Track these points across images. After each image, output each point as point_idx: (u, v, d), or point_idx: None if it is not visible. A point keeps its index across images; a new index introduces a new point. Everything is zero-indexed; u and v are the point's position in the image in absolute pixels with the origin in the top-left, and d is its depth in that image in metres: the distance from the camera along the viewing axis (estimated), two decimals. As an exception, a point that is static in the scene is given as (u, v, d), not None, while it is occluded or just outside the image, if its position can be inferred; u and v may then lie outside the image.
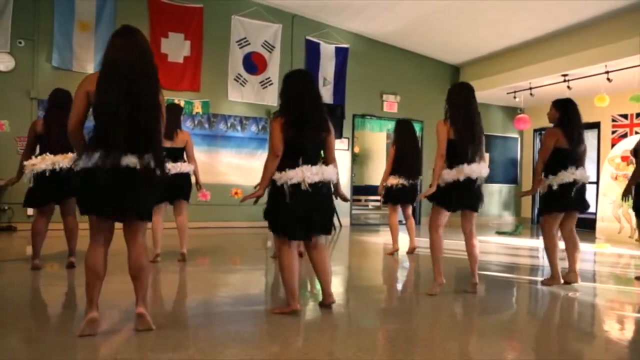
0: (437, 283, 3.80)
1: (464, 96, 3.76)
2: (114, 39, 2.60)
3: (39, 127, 4.30)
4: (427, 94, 10.17)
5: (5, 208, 7.04)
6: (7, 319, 2.99)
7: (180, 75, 8.17)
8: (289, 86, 3.15)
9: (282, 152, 3.04)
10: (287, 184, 3.00)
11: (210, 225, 8.05)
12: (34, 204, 4.35)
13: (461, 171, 3.66)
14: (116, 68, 2.52)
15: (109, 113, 2.49)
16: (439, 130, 3.72)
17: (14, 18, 7.19)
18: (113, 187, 2.49)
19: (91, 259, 2.60)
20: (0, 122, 7.15)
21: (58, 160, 4.17)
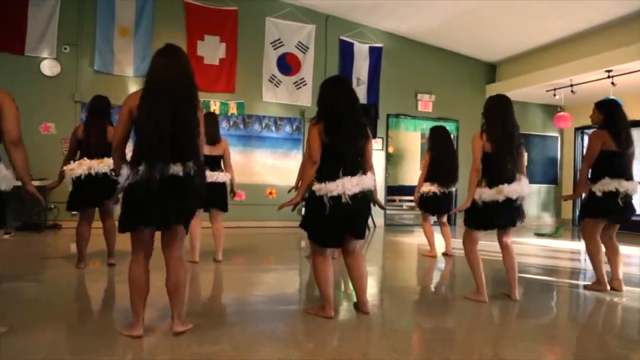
0: (479, 294, 3.70)
1: (502, 109, 3.62)
2: (158, 57, 2.66)
3: (79, 133, 4.47)
4: (463, 93, 10.00)
5: (51, 207, 7.33)
6: (52, 313, 3.12)
7: (216, 77, 8.31)
8: (326, 93, 3.14)
9: (320, 159, 3.04)
10: (327, 196, 2.98)
11: (245, 225, 8.15)
12: (75, 207, 4.53)
13: (501, 191, 3.52)
14: (159, 87, 2.58)
15: (151, 130, 2.54)
16: (474, 144, 3.61)
17: (60, 26, 7.49)
18: (158, 198, 2.55)
19: (134, 274, 2.65)
20: (47, 124, 7.45)
21: (94, 165, 4.31)
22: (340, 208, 2.99)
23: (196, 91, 2.71)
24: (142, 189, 2.51)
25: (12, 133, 2.58)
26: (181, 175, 2.57)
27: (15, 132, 2.59)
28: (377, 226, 9.02)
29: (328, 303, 3.11)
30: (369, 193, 3.14)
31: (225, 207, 5.09)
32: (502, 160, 3.54)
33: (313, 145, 3.04)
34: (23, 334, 2.66)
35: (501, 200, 3.54)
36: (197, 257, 4.88)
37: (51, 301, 3.45)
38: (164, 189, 2.54)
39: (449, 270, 5.23)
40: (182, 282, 2.71)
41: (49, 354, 2.41)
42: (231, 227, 7.61)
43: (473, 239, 3.72)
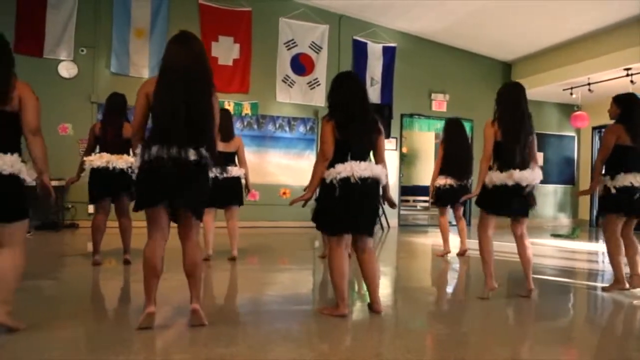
0: (488, 287, 3.70)
1: (514, 96, 3.63)
2: (171, 44, 2.72)
3: (97, 130, 4.55)
4: (477, 92, 9.92)
5: (69, 206, 7.44)
6: (70, 311, 3.17)
7: (230, 78, 8.36)
8: (337, 88, 3.15)
9: (332, 154, 3.05)
10: (337, 178, 3.00)
11: (259, 225, 8.19)
12: (92, 198, 4.60)
13: (511, 176, 3.53)
14: (173, 71, 2.63)
15: (166, 113, 2.60)
16: (486, 131, 3.64)
17: (77, 28, 7.61)
18: (171, 177, 2.59)
19: (148, 254, 2.70)
20: (65, 125, 7.57)
21: (113, 160, 4.42)
22: (350, 189, 2.99)
23: (211, 76, 2.75)
24: (153, 168, 2.57)
25: (31, 123, 2.61)
26: (193, 159, 2.61)
27: (34, 122, 2.62)
28: (391, 226, 8.98)
29: (342, 300, 3.11)
30: (379, 184, 3.15)
31: (241, 201, 5.11)
32: (511, 147, 3.55)
33: (326, 141, 3.05)
34: (41, 330, 2.70)
35: (511, 185, 3.54)
36: (210, 250, 4.92)
37: (69, 299, 3.50)
38: (175, 171, 2.58)
39: (464, 271, 5.19)
40: (198, 263, 2.78)
41: (66, 351, 2.45)
42: (245, 227, 7.64)
43: (486, 224, 3.71)
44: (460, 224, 5.90)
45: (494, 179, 3.59)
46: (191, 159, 2.61)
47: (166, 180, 2.60)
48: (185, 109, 2.60)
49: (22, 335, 2.60)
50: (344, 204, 3.02)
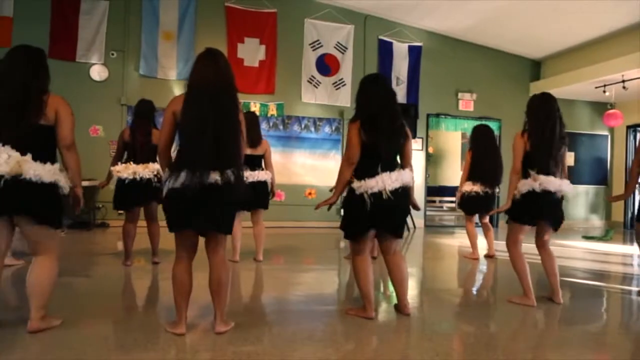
0: (527, 298, 3.59)
1: (545, 109, 3.50)
2: (198, 62, 2.71)
3: (126, 135, 4.63)
4: (505, 91, 9.74)
5: (100, 206, 7.62)
6: (101, 308, 3.25)
7: (256, 79, 8.43)
8: (364, 91, 3.13)
9: (358, 159, 3.02)
10: (368, 193, 2.97)
11: (285, 225, 8.22)
12: (120, 206, 4.71)
13: (537, 179, 3.43)
14: (199, 91, 2.61)
15: (194, 132, 2.58)
16: (516, 144, 3.53)
17: (108, 33, 7.80)
18: (198, 203, 2.59)
19: (177, 274, 2.71)
20: (96, 127, 7.76)
21: (139, 171, 4.46)
22: (382, 204, 2.97)
23: (237, 94, 2.74)
24: (181, 195, 2.55)
25: (66, 139, 2.70)
26: (220, 183, 2.58)
27: (69, 138, 2.71)
28: (417, 227, 8.90)
29: (369, 303, 3.10)
30: (408, 188, 3.11)
31: (267, 205, 5.14)
32: (540, 157, 3.46)
33: (352, 145, 3.02)
34: (74, 326, 2.77)
35: (539, 191, 3.44)
36: (237, 257, 4.96)
37: (100, 296, 3.59)
38: (203, 197, 2.57)
39: (491, 273, 5.11)
40: (224, 282, 2.75)
41: (97, 347, 2.51)
42: (271, 227, 7.68)
43: (516, 238, 3.62)
44: (487, 231, 5.80)
45: (521, 188, 3.49)
46: (218, 183, 2.58)
47: (192, 205, 2.59)
48: (213, 127, 2.57)
49: (56, 331, 2.68)
50: (375, 216, 3.00)
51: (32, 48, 2.75)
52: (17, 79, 2.62)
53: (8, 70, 2.64)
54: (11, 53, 2.70)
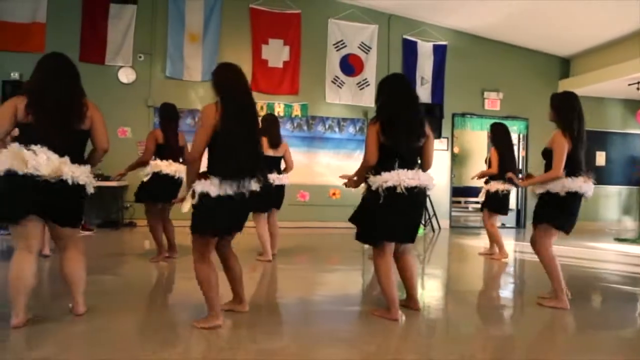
0: (560, 300, 3.50)
1: (578, 107, 3.45)
2: (229, 72, 2.83)
3: (159, 138, 4.73)
4: (533, 90, 9.54)
5: (127, 206, 7.77)
6: (129, 305, 3.31)
7: (280, 80, 8.47)
8: (383, 91, 3.13)
9: (376, 161, 3.01)
10: (382, 187, 2.94)
11: (308, 225, 8.24)
12: (150, 198, 4.80)
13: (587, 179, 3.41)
14: (237, 100, 2.77)
15: (238, 141, 2.72)
16: (562, 143, 3.38)
17: (135, 36, 7.95)
18: (239, 209, 2.78)
19: (205, 273, 2.79)
20: (124, 128, 7.92)
21: (180, 170, 4.64)
22: (395, 199, 2.93)
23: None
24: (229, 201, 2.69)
25: (105, 143, 2.91)
26: (258, 190, 2.79)
27: (107, 142, 2.93)
28: (442, 228, 8.81)
29: (393, 305, 3.08)
30: (426, 192, 3.08)
31: (280, 206, 5.24)
32: (580, 159, 3.41)
33: (370, 148, 3.01)
34: (103, 323, 2.84)
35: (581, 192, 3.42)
36: (270, 256, 5.04)
37: (128, 294, 3.65)
38: (246, 201, 2.76)
39: (519, 274, 5.01)
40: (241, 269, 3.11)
41: (127, 343, 2.56)
42: (295, 227, 7.74)
43: (551, 241, 3.54)
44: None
45: (567, 185, 3.39)
46: (258, 188, 2.80)
47: (233, 215, 2.79)
48: (251, 136, 2.78)
49: (87, 328, 2.74)
50: (388, 213, 2.97)
51: (67, 56, 2.88)
52: (62, 85, 2.75)
53: (53, 76, 2.76)
54: (51, 60, 2.81)
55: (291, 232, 7.27)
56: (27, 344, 2.53)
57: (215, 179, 2.67)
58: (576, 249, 3.63)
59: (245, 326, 2.90)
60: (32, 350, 2.46)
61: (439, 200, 8.83)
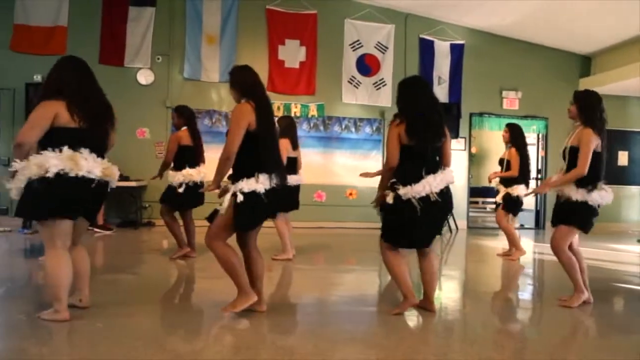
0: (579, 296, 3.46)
1: (603, 106, 3.41)
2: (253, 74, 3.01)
3: (186, 139, 4.76)
4: (553, 89, 9.38)
5: (146, 206, 7.87)
6: (149, 303, 3.36)
7: (296, 80, 8.49)
8: (405, 94, 3.15)
9: (397, 162, 3.03)
10: (416, 198, 2.97)
11: (325, 226, 8.24)
12: (181, 207, 4.90)
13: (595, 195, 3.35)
14: (264, 100, 2.98)
15: (272, 140, 2.94)
16: (591, 141, 3.30)
17: (153, 38, 8.05)
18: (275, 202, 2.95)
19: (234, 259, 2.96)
20: (142, 129, 8.02)
21: (207, 174, 4.60)
22: (431, 208, 2.99)
23: None
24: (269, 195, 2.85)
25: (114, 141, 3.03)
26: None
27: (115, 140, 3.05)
28: (459, 228, 8.73)
29: (409, 291, 3.12)
30: (449, 187, 3.13)
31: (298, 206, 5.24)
32: (601, 160, 3.37)
33: (391, 147, 3.03)
34: (124, 320, 2.88)
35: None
36: (290, 254, 5.08)
37: (147, 292, 3.70)
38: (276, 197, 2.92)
39: (537, 275, 4.94)
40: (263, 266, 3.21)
41: (147, 341, 2.59)
42: (312, 228, 7.74)
43: (569, 241, 3.49)
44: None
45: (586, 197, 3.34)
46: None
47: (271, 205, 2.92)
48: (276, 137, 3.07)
49: (109, 325, 2.78)
50: (426, 221, 3.02)
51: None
52: (99, 89, 2.91)
53: (89, 80, 2.87)
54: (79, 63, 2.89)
55: (308, 232, 7.27)
56: (49, 343, 2.58)
57: (261, 176, 2.82)
58: (598, 251, 3.57)
59: (263, 325, 2.92)
60: (52, 347, 2.50)
61: (456, 200, 8.55)
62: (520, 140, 5.53)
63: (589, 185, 3.33)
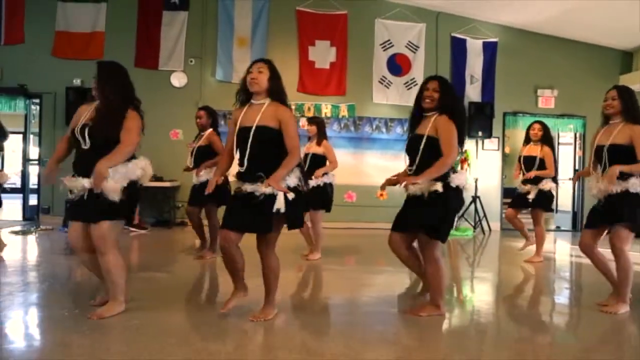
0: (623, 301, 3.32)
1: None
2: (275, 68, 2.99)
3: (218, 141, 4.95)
4: (591, 86, 9.07)
5: (179, 206, 8.02)
6: (182, 301, 3.42)
7: (327, 81, 8.50)
8: (452, 91, 3.27)
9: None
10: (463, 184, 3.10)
11: (356, 226, 8.22)
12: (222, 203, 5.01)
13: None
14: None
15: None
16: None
17: (186, 41, 8.23)
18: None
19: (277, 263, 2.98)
20: (176, 131, 8.19)
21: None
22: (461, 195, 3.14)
23: None
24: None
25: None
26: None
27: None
28: (493, 230, 8.56)
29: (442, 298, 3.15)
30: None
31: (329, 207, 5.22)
32: None
33: (455, 142, 3.05)
34: (157, 318, 2.95)
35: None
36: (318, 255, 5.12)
37: (180, 290, 3.78)
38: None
39: (574, 279, 4.80)
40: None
41: (180, 338, 2.65)
42: (342, 228, 7.74)
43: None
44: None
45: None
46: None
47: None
48: None
49: (142, 322, 2.86)
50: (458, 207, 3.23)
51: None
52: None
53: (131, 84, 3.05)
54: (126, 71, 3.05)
55: (338, 232, 7.27)
56: (89, 339, 2.66)
57: (297, 171, 2.85)
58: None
59: (294, 325, 2.94)
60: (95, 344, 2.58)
61: (489, 201, 8.59)
62: (551, 138, 5.47)
63: None
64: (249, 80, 2.90)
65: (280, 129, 2.82)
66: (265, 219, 2.74)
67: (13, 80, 7.78)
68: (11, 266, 4.55)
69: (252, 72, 2.90)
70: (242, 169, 2.83)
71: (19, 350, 2.49)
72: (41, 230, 6.75)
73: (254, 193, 2.72)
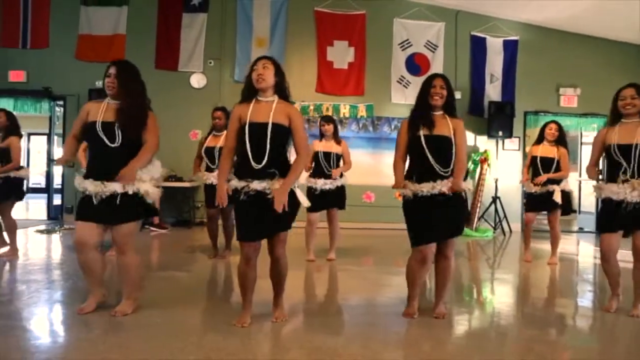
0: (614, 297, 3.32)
1: None
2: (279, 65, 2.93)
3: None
4: (615, 84, 8.68)
5: (198, 206, 8.11)
6: (196, 296, 3.46)
7: (345, 81, 8.50)
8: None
9: None
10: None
11: (374, 227, 8.19)
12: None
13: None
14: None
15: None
16: None
17: (205, 43, 8.31)
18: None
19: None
20: (195, 131, 8.27)
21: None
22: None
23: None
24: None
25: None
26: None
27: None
28: (513, 231, 8.45)
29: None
30: None
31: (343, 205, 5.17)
32: None
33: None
34: (178, 317, 2.99)
35: None
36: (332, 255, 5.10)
37: (200, 289, 3.82)
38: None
39: (597, 281, 4.71)
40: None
41: (200, 337, 2.68)
42: (360, 229, 7.72)
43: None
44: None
45: None
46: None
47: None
48: None
49: (163, 320, 2.90)
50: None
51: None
52: None
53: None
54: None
55: (356, 232, 7.26)
56: (113, 336, 2.71)
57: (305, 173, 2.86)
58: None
59: (312, 325, 2.94)
60: (111, 339, 2.63)
61: (509, 202, 8.47)
62: (566, 138, 5.37)
63: None
64: (255, 77, 2.76)
65: (290, 127, 2.80)
66: (287, 217, 2.73)
67: (38, 83, 7.99)
68: (37, 264, 4.66)
69: (258, 69, 2.77)
70: (259, 165, 2.70)
71: (45, 346, 2.56)
72: (65, 229, 6.90)
73: (265, 191, 2.68)
